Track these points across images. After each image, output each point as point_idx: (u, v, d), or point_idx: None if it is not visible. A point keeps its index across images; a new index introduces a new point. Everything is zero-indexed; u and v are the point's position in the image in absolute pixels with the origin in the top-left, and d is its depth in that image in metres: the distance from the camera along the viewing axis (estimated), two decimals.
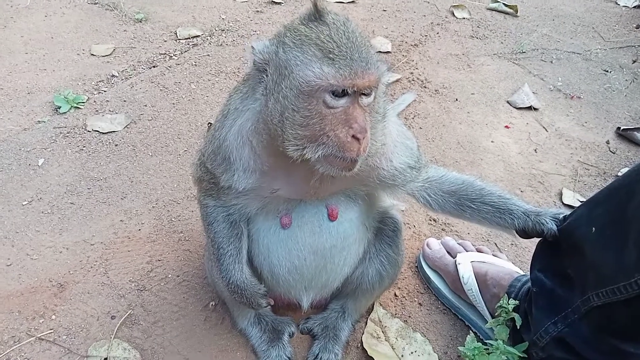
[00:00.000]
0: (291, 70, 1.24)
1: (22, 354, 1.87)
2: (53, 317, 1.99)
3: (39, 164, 2.65)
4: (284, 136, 1.28)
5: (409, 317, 2.06)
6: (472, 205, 1.64)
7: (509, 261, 2.14)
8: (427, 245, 2.21)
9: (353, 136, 1.23)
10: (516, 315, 1.71)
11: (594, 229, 1.40)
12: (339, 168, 1.29)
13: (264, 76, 1.31)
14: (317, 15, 1.25)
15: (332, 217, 1.61)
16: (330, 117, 1.24)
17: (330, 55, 1.21)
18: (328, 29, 1.23)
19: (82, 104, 3.05)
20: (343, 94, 1.23)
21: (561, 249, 1.58)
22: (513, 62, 3.72)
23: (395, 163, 1.52)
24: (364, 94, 1.26)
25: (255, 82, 1.36)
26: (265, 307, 1.69)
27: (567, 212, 1.60)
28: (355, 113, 1.24)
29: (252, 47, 1.32)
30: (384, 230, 1.80)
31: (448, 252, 2.15)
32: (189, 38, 3.75)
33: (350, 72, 1.20)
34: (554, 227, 1.55)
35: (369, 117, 1.29)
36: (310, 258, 1.64)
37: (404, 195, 1.68)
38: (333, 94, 1.23)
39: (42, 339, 1.92)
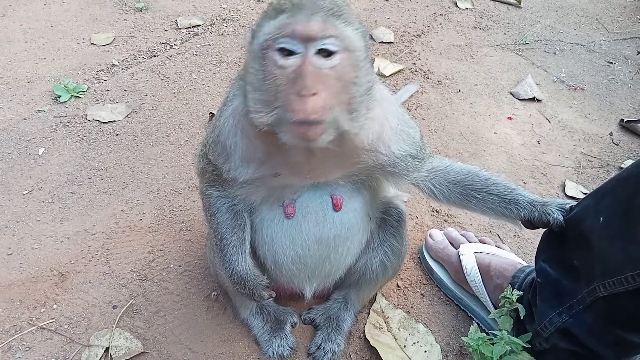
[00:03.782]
0: (253, 36, 1.23)
1: (24, 343, 1.86)
2: (54, 306, 1.99)
3: (39, 153, 2.63)
4: (247, 103, 1.25)
5: (412, 307, 2.05)
6: (478, 196, 1.62)
7: (512, 252, 2.13)
8: (430, 236, 2.20)
9: (298, 94, 1.12)
10: (520, 306, 1.70)
11: (601, 218, 1.39)
12: (299, 136, 1.16)
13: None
14: None
15: (336, 207, 1.59)
16: (281, 78, 1.15)
17: (280, 11, 1.17)
18: None
19: (83, 93, 3.03)
20: (291, 51, 1.15)
21: (567, 240, 1.56)
22: (516, 53, 3.69)
23: (393, 149, 1.48)
24: (324, 56, 1.15)
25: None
26: (267, 299, 1.68)
27: (573, 202, 1.59)
28: (302, 70, 1.12)
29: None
30: (388, 221, 1.79)
31: (451, 243, 2.14)
32: (190, 27, 3.72)
33: (293, 18, 1.13)
34: (561, 218, 1.54)
35: (338, 83, 1.17)
36: (314, 248, 1.62)
37: (409, 185, 1.65)
38: (281, 52, 1.14)
39: (44, 328, 1.91)
